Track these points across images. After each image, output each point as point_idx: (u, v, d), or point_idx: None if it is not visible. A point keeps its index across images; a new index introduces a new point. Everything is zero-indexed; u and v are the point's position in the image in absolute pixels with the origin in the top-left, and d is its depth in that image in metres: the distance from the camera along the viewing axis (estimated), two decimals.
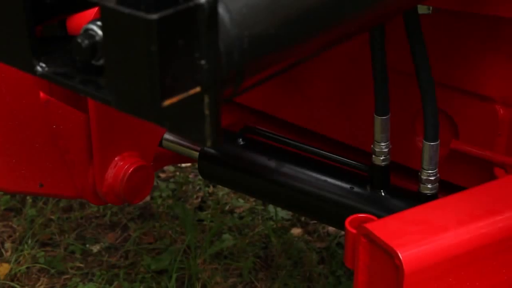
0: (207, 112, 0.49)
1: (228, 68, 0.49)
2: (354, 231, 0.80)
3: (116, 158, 1.07)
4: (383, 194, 1.03)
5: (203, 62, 0.47)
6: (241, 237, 1.81)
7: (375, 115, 1.00)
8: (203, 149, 1.18)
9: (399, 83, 1.09)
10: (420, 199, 0.98)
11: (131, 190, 1.08)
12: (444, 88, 1.10)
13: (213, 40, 0.47)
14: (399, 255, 0.74)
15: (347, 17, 0.58)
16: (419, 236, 0.76)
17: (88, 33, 0.56)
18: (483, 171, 1.09)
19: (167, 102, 0.47)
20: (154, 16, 0.45)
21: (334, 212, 1.03)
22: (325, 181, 1.07)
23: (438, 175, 0.99)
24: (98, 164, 1.06)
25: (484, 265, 0.79)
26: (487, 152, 1.08)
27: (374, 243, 0.77)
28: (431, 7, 0.97)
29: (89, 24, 0.56)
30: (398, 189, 1.04)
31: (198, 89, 0.48)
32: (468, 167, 1.11)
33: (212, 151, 1.18)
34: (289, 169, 1.11)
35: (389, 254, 0.75)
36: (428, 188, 0.98)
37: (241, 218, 1.90)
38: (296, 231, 1.85)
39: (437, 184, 0.99)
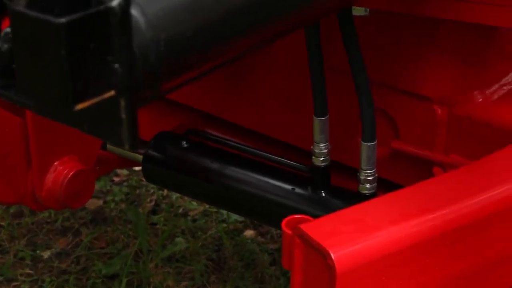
0: (123, 115, 0.49)
1: (144, 71, 0.49)
2: (289, 232, 0.81)
3: (55, 163, 1.06)
4: (323, 194, 1.04)
5: (116, 65, 0.47)
6: (194, 240, 1.81)
7: (314, 117, 1.01)
8: (147, 152, 1.18)
9: (341, 83, 1.10)
10: (360, 199, 0.99)
11: (71, 195, 1.07)
12: (384, 88, 1.12)
13: (127, 44, 0.47)
14: (331, 255, 0.74)
15: (271, 19, 0.59)
16: (352, 236, 0.77)
17: (7, 37, 0.55)
18: (423, 171, 1.11)
19: (79, 106, 0.47)
20: (62, 20, 0.45)
21: (276, 214, 1.03)
22: (267, 182, 1.08)
23: (376, 175, 1.00)
24: (37, 169, 1.05)
25: (417, 263, 0.80)
26: (426, 152, 1.10)
27: (308, 243, 0.78)
28: (367, 9, 0.99)
29: (8, 27, 0.55)
30: (338, 189, 1.05)
31: (112, 92, 0.48)
32: (409, 167, 1.13)
33: (156, 154, 1.18)
34: (232, 171, 1.11)
35: (322, 254, 0.76)
36: (366, 188, 0.99)
37: (194, 221, 1.90)
38: (249, 232, 1.85)
39: (376, 184, 1.00)
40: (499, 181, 0.87)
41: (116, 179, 2.11)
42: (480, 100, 1.06)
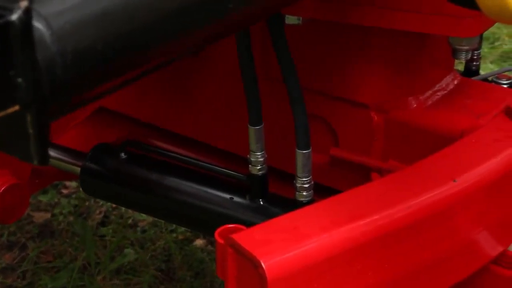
0: (31, 130, 0.49)
1: (51, 85, 0.49)
2: (222, 241, 0.81)
3: None
4: (261, 203, 1.04)
5: (19, 80, 0.46)
6: (143, 251, 1.79)
7: (249, 125, 1.01)
8: (85, 164, 1.17)
9: (279, 91, 1.11)
10: (297, 206, 0.99)
11: (4, 210, 1.05)
12: (322, 96, 1.12)
13: (30, 58, 0.46)
14: (262, 264, 0.75)
15: (187, 32, 0.59)
16: (283, 244, 0.77)
17: None
18: (362, 177, 1.12)
19: None
20: None
21: (216, 223, 1.02)
22: (206, 192, 1.08)
23: (312, 182, 1.00)
24: None
25: (350, 269, 0.81)
26: (364, 158, 1.11)
27: (240, 253, 0.78)
28: (300, 18, 0.99)
29: None
30: (276, 197, 1.05)
31: (17, 107, 0.47)
32: (348, 173, 1.14)
33: (93, 166, 1.17)
34: (170, 181, 1.11)
35: (253, 264, 0.76)
36: (303, 196, 0.99)
37: (143, 231, 1.88)
38: (199, 242, 1.84)
39: (312, 191, 1.01)
40: (431, 185, 0.88)
41: (64, 191, 2.08)
42: (415, 106, 1.08)
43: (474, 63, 1.34)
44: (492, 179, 0.92)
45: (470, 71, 1.34)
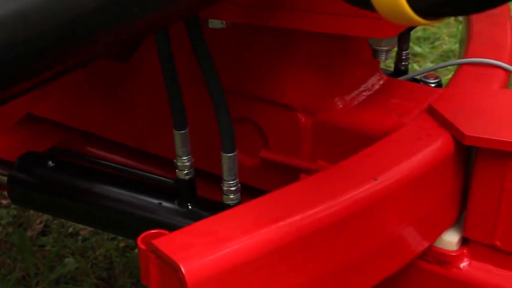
0: None
1: None
2: (143, 247, 0.80)
3: None
4: (190, 207, 1.04)
5: None
6: (83, 260, 1.77)
7: (174, 130, 1.01)
8: (11, 173, 1.15)
9: (205, 94, 1.11)
10: (224, 209, 0.99)
11: None
12: (251, 99, 1.13)
13: None
14: (182, 268, 0.75)
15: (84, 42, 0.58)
16: (203, 248, 0.78)
17: None
18: (293, 178, 1.13)
19: None
20: None
21: (145, 229, 1.02)
22: (135, 198, 1.07)
23: (239, 185, 1.01)
24: None
25: (272, 270, 0.81)
26: (293, 159, 1.12)
27: (161, 258, 0.78)
28: (224, 22, 1.00)
29: None
30: (204, 201, 1.05)
31: None
32: (279, 175, 1.15)
33: (20, 175, 1.15)
34: (98, 188, 1.10)
35: (174, 268, 0.76)
36: (230, 199, 1.00)
37: (84, 240, 1.86)
38: None
39: (239, 194, 1.01)
40: (351, 185, 0.89)
41: (4, 201, 2.05)
42: (341, 106, 1.09)
43: (403, 63, 1.37)
44: (413, 177, 0.94)
45: (399, 70, 1.37)
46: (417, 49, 3.04)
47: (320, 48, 1.06)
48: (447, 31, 3.15)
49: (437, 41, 3.09)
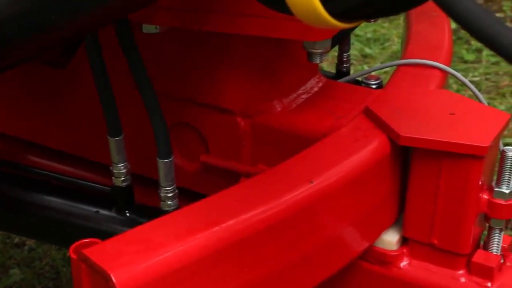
0: None
1: None
2: (74, 257, 0.79)
3: None
4: (127, 214, 1.03)
5: None
6: (29, 270, 1.74)
7: (108, 137, 0.99)
8: None
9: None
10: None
11: None
12: (190, 103, 1.13)
13: None
14: (112, 277, 0.74)
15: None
16: (135, 256, 0.77)
17: None
18: (233, 182, 1.13)
19: None
20: None
21: (83, 238, 1.01)
22: (72, 207, 1.06)
23: (176, 191, 1.00)
24: None
25: (207, 277, 0.81)
26: (233, 163, 1.11)
27: (92, 268, 0.76)
28: (158, 26, 0.99)
29: None
30: (142, 208, 1.04)
31: None
32: (220, 179, 1.14)
33: None
34: (36, 199, 1.08)
35: (105, 278, 0.74)
36: (168, 205, 0.99)
37: (30, 250, 1.83)
38: None
39: (177, 200, 1.00)
40: (287, 188, 0.89)
41: None
42: (279, 109, 1.10)
43: (345, 65, 1.38)
44: (349, 178, 0.94)
45: (341, 72, 1.38)
46: (367, 50, 3.08)
47: (257, 51, 1.06)
48: (396, 32, 3.19)
49: (387, 42, 3.13)
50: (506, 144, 2.19)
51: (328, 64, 2.78)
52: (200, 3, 0.95)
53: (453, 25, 3.27)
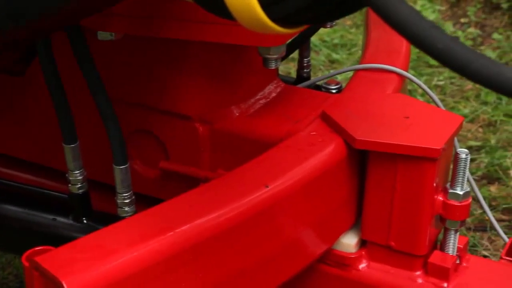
0: None
1: None
2: (27, 264, 0.79)
3: None
4: (85, 221, 1.03)
5: None
6: None
7: (63, 144, 0.99)
8: None
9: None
10: None
11: None
12: (148, 110, 1.13)
13: None
14: (64, 285, 0.73)
15: None
16: (87, 263, 0.76)
17: None
18: (193, 188, 1.13)
19: None
20: None
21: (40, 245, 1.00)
22: (29, 214, 1.05)
23: (133, 197, 1.00)
24: None
25: (161, 282, 0.81)
26: (193, 169, 1.12)
27: (44, 275, 0.76)
28: (113, 33, 0.99)
29: None
30: (100, 215, 1.04)
31: None
32: (180, 185, 1.14)
33: None
34: None
35: (57, 285, 0.74)
36: (125, 211, 0.99)
37: None
38: None
39: (134, 206, 1.00)
40: (242, 192, 0.90)
41: None
42: (237, 115, 1.10)
43: (305, 70, 1.39)
44: (305, 182, 0.95)
45: (302, 77, 1.39)
46: (334, 55, 3.10)
47: (214, 57, 1.06)
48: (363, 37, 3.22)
49: (354, 48, 3.16)
50: (469, 147, 2.23)
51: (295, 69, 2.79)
52: (154, 10, 0.95)
53: None
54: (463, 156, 1.01)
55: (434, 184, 1.00)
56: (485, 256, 1.72)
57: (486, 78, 0.52)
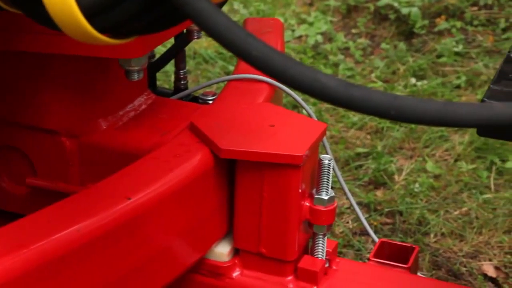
0: None
1: None
2: None
3: None
4: None
5: None
6: None
7: None
8: None
9: None
10: None
11: None
12: (13, 126, 1.10)
13: None
14: None
15: None
16: None
17: None
18: None
19: None
20: None
21: None
22: None
23: None
24: None
25: None
26: (61, 184, 1.10)
27: None
28: None
29: None
30: None
31: None
32: (50, 201, 1.12)
33: None
34: None
35: None
36: None
37: None
38: None
39: None
40: (103, 206, 0.89)
41: None
42: (105, 127, 1.09)
43: (182, 82, 1.40)
44: (169, 193, 0.95)
45: (179, 89, 1.40)
46: (231, 68, 3.12)
47: (78, 70, 1.05)
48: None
49: None
50: (357, 154, 2.30)
51: (191, 81, 2.80)
52: (9, 23, 0.93)
53: (312, 41, 3.36)
54: (326, 162, 1.03)
55: (300, 190, 1.03)
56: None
57: (303, 84, 0.53)
